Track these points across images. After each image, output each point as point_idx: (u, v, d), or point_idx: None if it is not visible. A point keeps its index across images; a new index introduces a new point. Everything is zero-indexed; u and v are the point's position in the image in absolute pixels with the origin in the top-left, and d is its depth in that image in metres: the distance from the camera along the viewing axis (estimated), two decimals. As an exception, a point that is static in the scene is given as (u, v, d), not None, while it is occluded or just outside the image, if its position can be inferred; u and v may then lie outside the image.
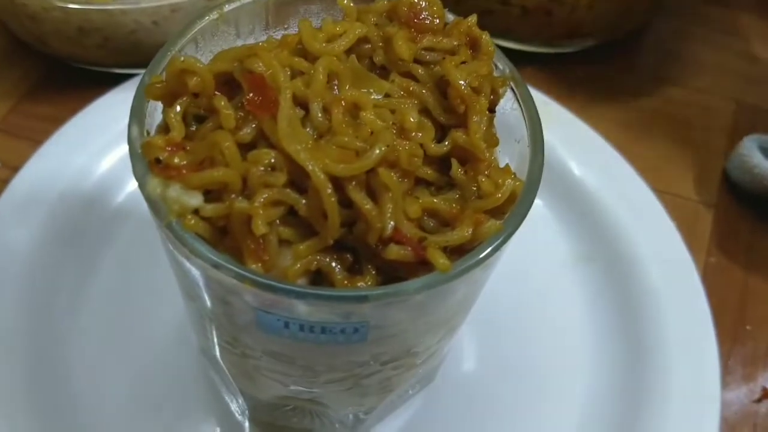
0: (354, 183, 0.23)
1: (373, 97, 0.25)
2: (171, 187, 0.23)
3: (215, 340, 0.30)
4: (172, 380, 0.36)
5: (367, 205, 0.22)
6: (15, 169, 0.43)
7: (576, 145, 0.46)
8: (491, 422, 0.37)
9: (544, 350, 0.39)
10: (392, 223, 0.22)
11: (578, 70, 0.54)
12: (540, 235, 0.43)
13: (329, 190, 0.22)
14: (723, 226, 0.47)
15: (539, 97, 0.46)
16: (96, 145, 0.41)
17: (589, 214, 0.44)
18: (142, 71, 0.44)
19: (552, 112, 0.46)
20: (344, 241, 0.23)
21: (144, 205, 0.42)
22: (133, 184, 0.41)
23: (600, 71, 0.55)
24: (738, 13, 0.60)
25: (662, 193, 0.45)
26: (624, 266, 0.42)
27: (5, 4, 0.44)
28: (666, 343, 0.38)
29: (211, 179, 0.22)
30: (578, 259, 0.43)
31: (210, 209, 0.22)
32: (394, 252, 0.22)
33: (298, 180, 0.23)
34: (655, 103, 0.53)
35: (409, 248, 0.22)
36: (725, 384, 0.38)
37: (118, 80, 0.44)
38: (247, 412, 0.35)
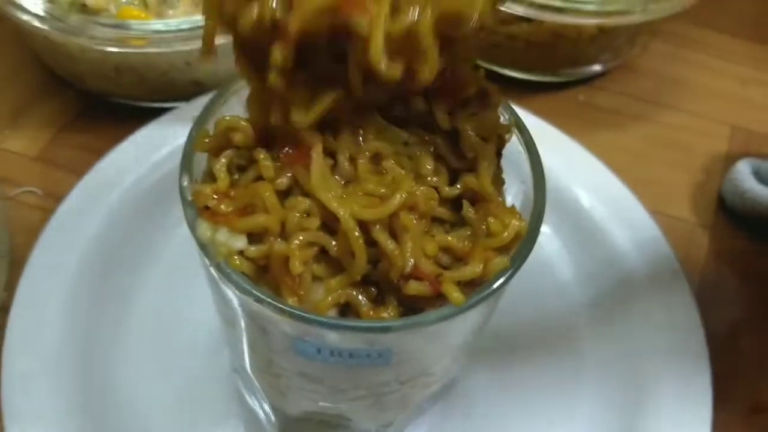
0: (378, 226, 0.26)
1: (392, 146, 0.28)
2: (219, 231, 0.26)
3: (251, 361, 0.33)
4: (207, 395, 0.39)
5: (390, 246, 0.25)
6: (57, 197, 0.46)
7: (577, 169, 0.48)
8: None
9: (551, 362, 0.42)
10: (412, 261, 0.25)
11: (580, 96, 0.57)
12: (544, 256, 0.46)
13: (357, 233, 0.25)
14: (718, 246, 0.49)
15: (542, 125, 0.49)
16: (135, 175, 0.44)
17: (590, 236, 0.46)
18: (175, 105, 0.48)
19: (554, 138, 0.49)
20: (369, 277, 0.26)
21: (180, 233, 0.45)
22: (171, 214, 0.44)
23: (600, 97, 0.58)
24: (730, 38, 0.63)
25: (659, 214, 0.47)
26: (622, 285, 0.44)
27: (44, 44, 0.48)
28: (662, 359, 0.41)
29: (254, 225, 0.26)
30: (580, 277, 0.46)
31: (254, 251, 0.26)
32: (414, 288, 0.25)
33: (329, 223, 0.26)
34: (653, 127, 0.56)
35: (427, 283, 0.26)
36: (717, 400, 0.39)
37: (151, 113, 0.47)
38: (276, 424, 0.38)
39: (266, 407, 0.38)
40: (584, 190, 0.48)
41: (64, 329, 0.39)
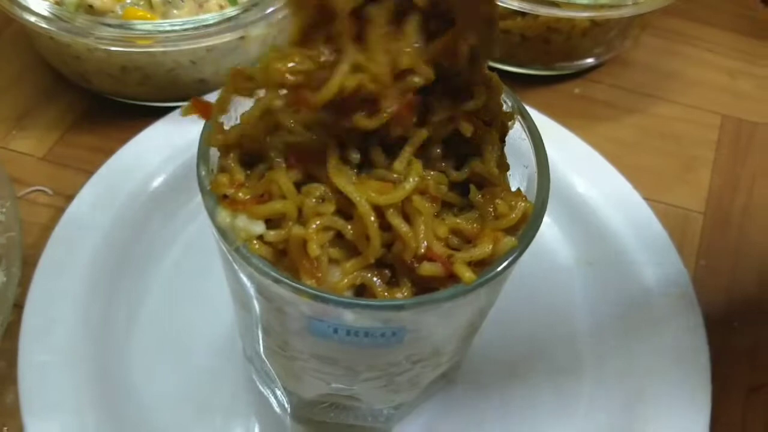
0: (392, 210, 0.27)
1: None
2: (238, 218, 0.27)
3: (265, 345, 0.34)
4: (220, 384, 0.40)
5: (404, 228, 0.27)
6: (66, 196, 0.47)
7: (574, 160, 0.50)
8: (507, 416, 0.40)
9: (552, 345, 0.43)
10: (425, 242, 0.27)
11: (575, 89, 0.59)
12: (545, 243, 0.47)
13: (372, 218, 0.26)
14: (711, 231, 0.51)
15: (540, 117, 0.50)
16: (144, 172, 0.45)
17: (588, 223, 0.48)
18: (179, 104, 0.49)
19: (551, 130, 0.51)
20: (384, 259, 0.28)
21: (190, 229, 0.46)
22: (180, 209, 0.45)
23: (595, 90, 0.59)
24: (719, 32, 0.65)
25: (654, 201, 0.49)
26: (620, 269, 0.45)
27: (50, 45, 0.49)
28: (660, 338, 0.42)
29: (272, 210, 0.27)
30: (579, 263, 0.47)
31: (272, 235, 0.27)
32: (428, 269, 0.26)
33: (344, 208, 0.27)
34: (646, 119, 0.58)
35: (440, 264, 0.27)
36: (716, 381, 0.40)
37: (157, 112, 0.48)
38: (288, 409, 0.39)
39: (279, 392, 0.39)
40: (582, 179, 0.49)
41: (77, 323, 0.40)
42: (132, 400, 0.39)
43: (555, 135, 0.50)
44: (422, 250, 0.26)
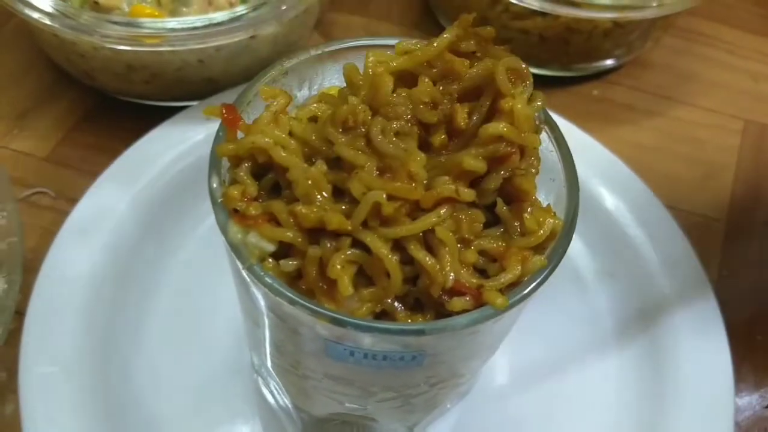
0: (414, 242, 0.25)
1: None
2: (250, 234, 0.26)
3: (276, 362, 0.33)
4: (227, 395, 0.39)
5: (429, 262, 0.25)
6: (68, 198, 0.46)
7: (594, 165, 0.48)
8: (521, 428, 0.39)
9: (572, 357, 0.42)
10: (452, 275, 0.25)
11: (594, 91, 0.57)
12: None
13: (389, 254, 0.25)
14: (733, 240, 0.49)
15: (559, 120, 0.48)
16: (149, 175, 0.44)
17: (609, 233, 0.46)
18: (185, 104, 0.47)
19: (571, 134, 0.49)
20: (408, 294, 0.26)
21: (197, 233, 0.45)
22: (187, 214, 0.43)
23: (614, 92, 0.57)
24: (742, 34, 0.63)
25: (674, 209, 0.47)
26: (641, 280, 0.44)
27: (53, 42, 0.47)
28: (682, 352, 0.41)
29: (282, 236, 0.25)
30: (600, 274, 0.46)
31: (291, 265, 0.25)
32: (459, 305, 0.25)
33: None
34: (666, 122, 0.56)
35: (468, 297, 0.25)
36: (738, 391, 0.40)
37: (162, 112, 0.47)
38: (299, 425, 0.38)
39: (288, 407, 0.37)
40: (604, 187, 0.47)
41: (81, 331, 0.39)
42: (135, 412, 0.38)
43: (575, 139, 0.48)
44: (450, 284, 0.25)
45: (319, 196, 0.26)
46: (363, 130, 0.26)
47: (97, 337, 0.39)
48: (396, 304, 0.26)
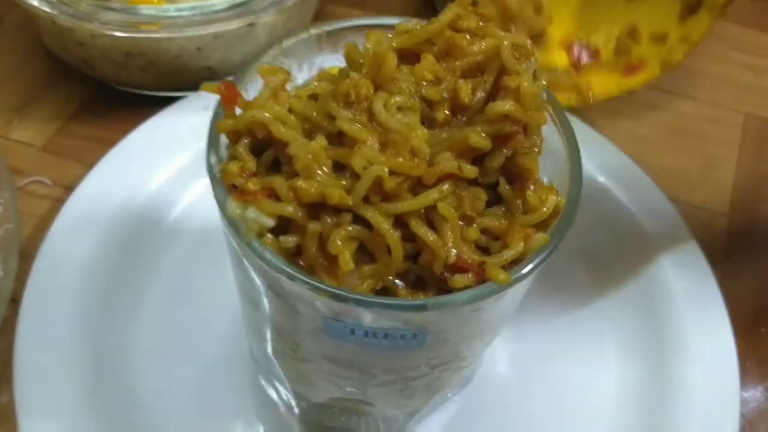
0: (415, 218, 0.25)
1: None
2: (249, 209, 0.25)
3: (275, 346, 0.32)
4: (225, 384, 0.39)
5: (431, 237, 0.25)
6: (66, 187, 0.45)
7: (597, 157, 0.48)
8: (524, 421, 0.39)
9: (574, 344, 0.41)
10: (454, 251, 0.25)
11: (594, 85, 0.57)
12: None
13: (391, 231, 0.24)
14: (736, 233, 0.49)
15: (560, 113, 0.48)
16: (147, 164, 0.44)
17: (611, 222, 0.46)
18: (182, 94, 0.47)
19: (574, 127, 0.49)
20: (409, 271, 0.25)
21: (193, 222, 0.45)
22: (184, 203, 0.43)
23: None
24: (743, 29, 0.63)
25: (677, 202, 0.47)
26: (643, 271, 0.44)
27: (52, 30, 0.47)
28: (686, 344, 0.40)
29: (282, 211, 0.25)
30: (603, 265, 0.45)
31: (291, 241, 0.25)
32: (461, 282, 0.24)
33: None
34: (668, 117, 0.56)
35: (471, 274, 0.25)
36: (743, 383, 0.40)
37: (159, 102, 0.47)
38: (297, 413, 0.37)
39: (286, 395, 0.37)
40: (607, 180, 0.47)
41: (76, 321, 0.38)
42: (132, 402, 0.37)
43: (577, 131, 0.48)
44: (452, 260, 0.25)
45: (319, 171, 0.25)
46: (365, 105, 0.26)
47: (92, 325, 0.39)
48: (397, 281, 0.26)
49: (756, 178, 0.53)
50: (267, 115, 0.26)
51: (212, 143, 0.27)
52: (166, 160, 0.44)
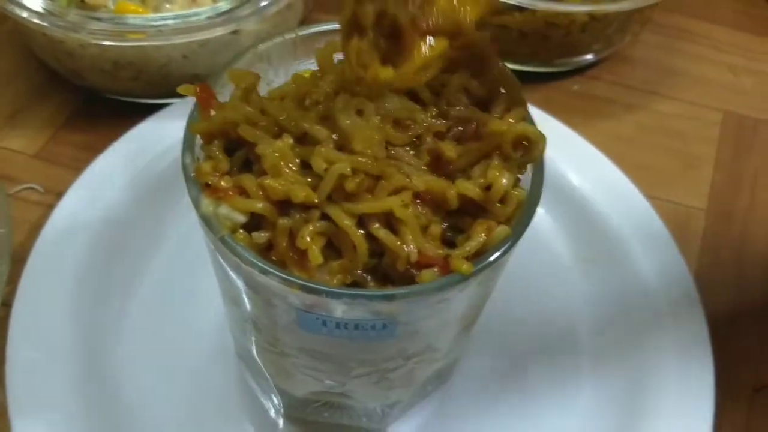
0: (375, 221, 0.26)
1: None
2: (221, 206, 0.26)
3: (255, 341, 0.33)
4: (211, 381, 0.40)
5: (391, 239, 0.25)
6: (57, 194, 0.46)
7: (574, 157, 0.49)
8: (505, 415, 0.39)
9: (552, 343, 0.42)
10: (416, 250, 0.26)
11: (574, 86, 0.58)
12: (546, 241, 0.46)
13: (354, 228, 0.26)
14: (714, 228, 0.50)
15: (539, 114, 0.49)
16: (134, 169, 0.45)
17: (589, 221, 0.47)
18: (170, 101, 0.48)
19: (551, 128, 0.50)
20: (377, 268, 0.27)
21: (180, 226, 0.46)
22: (169, 207, 0.44)
23: (594, 87, 0.58)
24: (721, 28, 0.64)
25: (656, 199, 0.48)
26: (621, 267, 0.45)
27: (42, 41, 0.48)
28: (661, 342, 0.41)
29: (253, 208, 0.26)
30: (579, 260, 0.46)
31: (262, 237, 0.26)
32: (428, 277, 0.25)
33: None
34: (647, 115, 0.57)
35: (436, 268, 0.26)
36: (719, 381, 0.39)
37: (149, 109, 0.48)
38: (281, 409, 0.38)
39: (271, 392, 0.38)
40: (583, 177, 0.48)
41: (67, 322, 0.40)
42: (122, 401, 0.38)
43: (555, 132, 0.49)
44: (415, 258, 0.26)
45: (286, 170, 0.26)
46: (329, 105, 0.27)
47: (83, 327, 0.40)
48: (366, 276, 0.27)
49: (734, 175, 0.54)
50: (238, 116, 0.27)
51: (187, 144, 0.28)
52: (152, 165, 0.45)
